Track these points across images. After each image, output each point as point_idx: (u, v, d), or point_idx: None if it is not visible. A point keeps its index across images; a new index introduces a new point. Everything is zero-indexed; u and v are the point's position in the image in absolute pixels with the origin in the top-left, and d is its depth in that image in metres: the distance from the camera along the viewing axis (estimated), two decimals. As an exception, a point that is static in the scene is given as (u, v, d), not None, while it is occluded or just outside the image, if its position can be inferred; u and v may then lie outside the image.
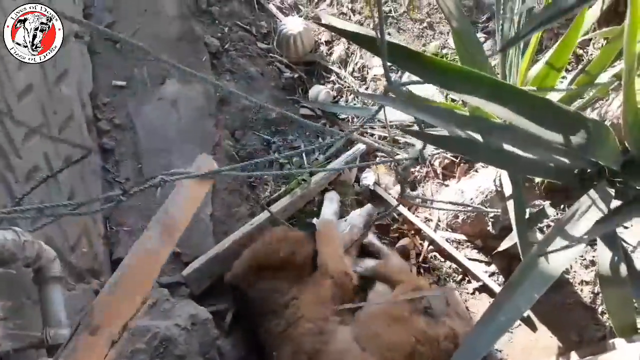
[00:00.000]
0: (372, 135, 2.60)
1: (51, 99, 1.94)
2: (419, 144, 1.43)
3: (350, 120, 2.66)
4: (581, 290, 2.23)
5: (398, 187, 2.47)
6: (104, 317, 1.08)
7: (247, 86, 2.63)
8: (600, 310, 2.17)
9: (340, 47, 2.82)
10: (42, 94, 1.88)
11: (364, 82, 2.73)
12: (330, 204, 2.34)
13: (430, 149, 2.31)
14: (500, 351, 2.14)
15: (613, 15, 2.41)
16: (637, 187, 1.43)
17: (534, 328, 2.15)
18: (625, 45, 1.08)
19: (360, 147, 2.48)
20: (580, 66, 1.73)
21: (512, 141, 1.35)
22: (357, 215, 2.32)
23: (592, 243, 2.25)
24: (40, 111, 1.85)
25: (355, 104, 2.70)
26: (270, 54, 2.78)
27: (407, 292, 2.03)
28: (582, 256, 2.27)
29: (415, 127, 2.13)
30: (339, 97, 2.73)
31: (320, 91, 2.63)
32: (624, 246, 1.55)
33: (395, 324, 1.93)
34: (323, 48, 2.84)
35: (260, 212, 2.33)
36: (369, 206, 2.38)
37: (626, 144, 1.36)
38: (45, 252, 1.43)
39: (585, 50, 2.69)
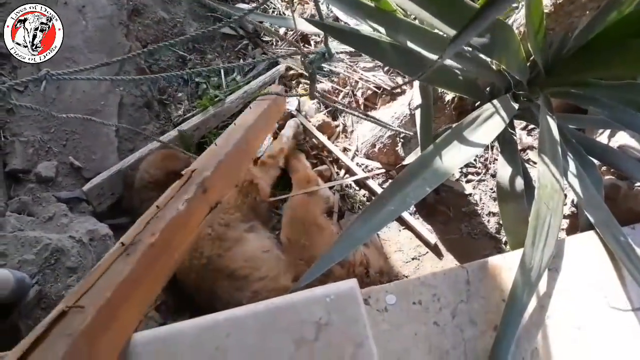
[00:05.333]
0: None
1: None
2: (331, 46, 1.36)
3: (275, 43, 2.54)
4: (488, 222, 2.29)
5: (319, 115, 2.42)
6: (213, 185, 1.24)
7: (164, -2, 2.45)
8: (504, 240, 2.24)
9: (269, -33, 2.67)
10: None
11: (291, 4, 2.60)
12: None
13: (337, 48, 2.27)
14: (406, 277, 2.18)
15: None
16: (539, 103, 1.42)
17: (440, 255, 2.20)
18: None
19: (280, 68, 2.39)
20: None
21: (420, 41, 1.30)
22: (286, 126, 2.32)
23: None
24: None
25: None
26: (193, -33, 2.60)
27: (302, 183, 2.12)
28: (492, 189, 2.32)
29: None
30: (264, 17, 2.59)
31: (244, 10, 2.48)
32: (523, 163, 1.57)
33: (319, 233, 1.93)
34: (250, -34, 2.68)
35: (172, 130, 2.21)
36: (295, 119, 2.36)
37: (531, 52, 1.35)
38: None
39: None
